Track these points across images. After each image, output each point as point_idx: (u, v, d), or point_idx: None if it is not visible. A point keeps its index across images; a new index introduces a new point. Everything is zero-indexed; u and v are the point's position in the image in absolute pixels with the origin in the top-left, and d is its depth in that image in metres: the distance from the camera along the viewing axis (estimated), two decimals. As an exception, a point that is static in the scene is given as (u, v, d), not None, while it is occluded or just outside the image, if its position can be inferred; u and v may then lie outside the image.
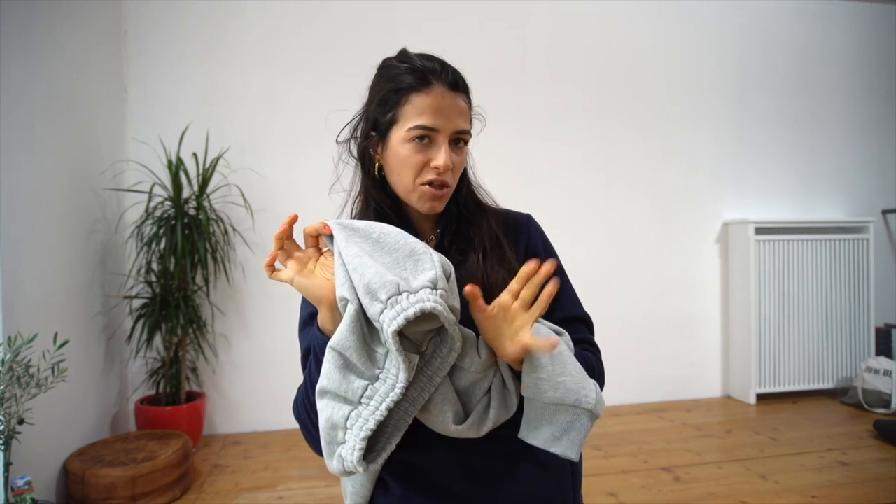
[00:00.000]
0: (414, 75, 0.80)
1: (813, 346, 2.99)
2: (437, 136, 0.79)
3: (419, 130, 0.78)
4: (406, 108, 0.79)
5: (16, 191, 1.65)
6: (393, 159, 0.81)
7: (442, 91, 0.79)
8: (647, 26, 3.00)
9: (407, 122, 0.79)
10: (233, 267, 2.54)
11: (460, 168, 0.83)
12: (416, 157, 0.79)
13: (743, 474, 2.06)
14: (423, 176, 0.79)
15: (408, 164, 0.79)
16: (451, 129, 0.79)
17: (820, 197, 3.23)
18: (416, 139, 0.78)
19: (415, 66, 0.80)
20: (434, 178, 0.79)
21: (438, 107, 0.78)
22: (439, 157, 0.78)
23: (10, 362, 1.35)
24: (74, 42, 2.07)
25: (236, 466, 2.20)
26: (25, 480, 1.44)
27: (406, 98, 0.79)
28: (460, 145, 0.82)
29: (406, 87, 0.79)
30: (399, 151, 0.80)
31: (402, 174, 0.80)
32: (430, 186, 0.80)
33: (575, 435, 0.70)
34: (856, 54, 3.26)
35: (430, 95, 0.78)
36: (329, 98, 2.64)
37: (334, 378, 0.67)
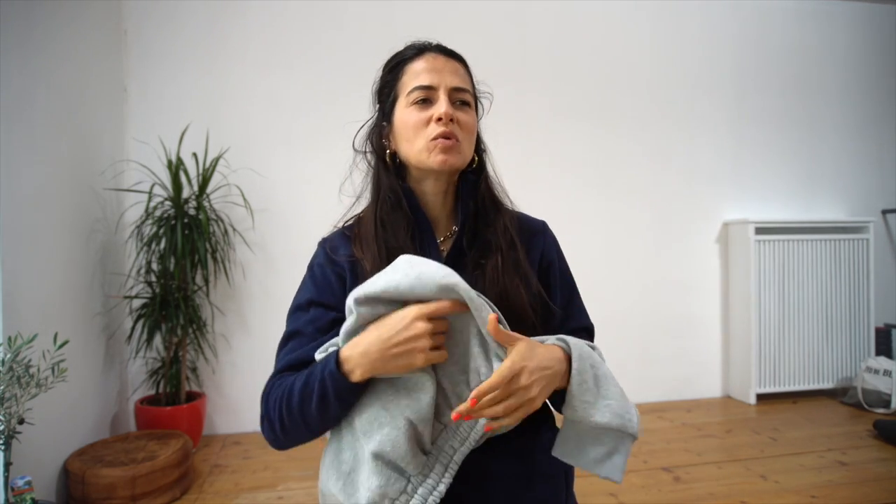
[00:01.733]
0: (401, 54, 0.85)
1: (813, 346, 2.99)
2: (434, 94, 0.80)
3: (417, 92, 0.80)
4: (403, 80, 0.83)
5: (16, 191, 1.65)
6: (401, 130, 0.82)
7: (433, 55, 0.82)
8: (646, 27, 3.00)
9: (405, 91, 0.82)
10: (233, 267, 2.54)
11: (469, 128, 0.83)
12: (419, 116, 0.80)
13: (743, 474, 2.06)
14: (429, 132, 0.80)
15: (412, 126, 0.80)
16: (447, 85, 0.81)
17: (820, 197, 3.23)
18: (417, 102, 0.80)
19: (409, 47, 0.85)
20: (439, 132, 0.79)
21: (432, 67, 0.81)
22: (439, 108, 0.79)
23: (10, 362, 1.35)
24: (74, 42, 2.07)
25: (236, 466, 2.20)
26: (25, 480, 1.44)
27: (402, 72, 0.83)
28: (464, 107, 0.83)
29: (398, 63, 0.84)
30: (404, 119, 0.81)
31: (410, 139, 0.81)
32: (437, 140, 0.79)
33: (619, 459, 0.71)
34: (855, 54, 3.26)
35: (423, 59, 0.82)
36: (329, 98, 2.66)
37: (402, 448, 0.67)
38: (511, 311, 0.77)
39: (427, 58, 0.82)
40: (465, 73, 0.85)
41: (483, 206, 0.87)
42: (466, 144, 0.82)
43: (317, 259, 0.87)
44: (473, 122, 0.84)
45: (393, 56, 0.87)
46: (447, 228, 0.88)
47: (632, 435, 0.71)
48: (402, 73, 0.83)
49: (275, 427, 0.76)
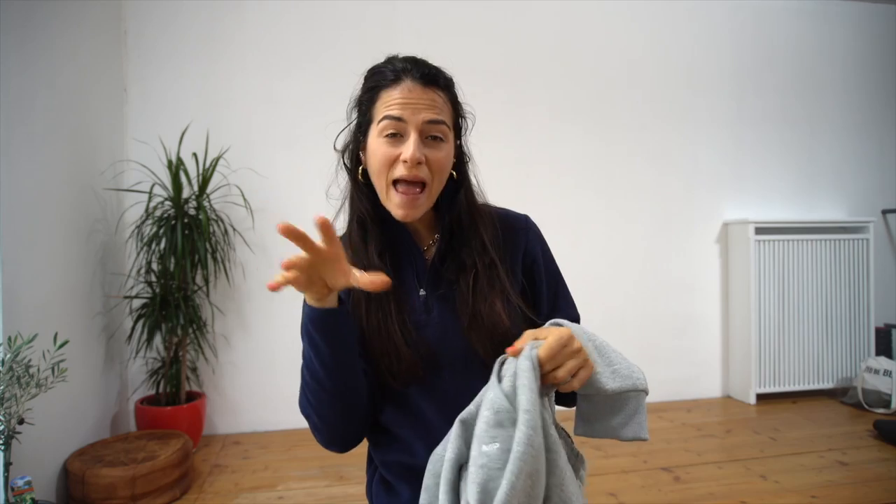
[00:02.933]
0: (379, 75, 0.81)
1: (813, 346, 2.99)
2: (405, 128, 0.77)
3: (387, 122, 0.77)
4: (377, 106, 0.79)
5: (16, 191, 1.65)
6: (370, 158, 0.80)
7: (410, 85, 0.78)
8: (646, 26, 3.00)
9: (377, 116, 0.78)
10: (233, 267, 2.54)
11: (440, 165, 0.79)
12: (387, 151, 0.77)
13: (743, 474, 2.06)
14: (395, 172, 0.77)
15: (378, 159, 0.78)
16: (419, 121, 0.76)
17: (820, 197, 3.23)
18: (386, 133, 0.77)
19: (390, 66, 0.81)
20: (403, 175, 0.76)
21: (406, 98, 0.77)
22: (407, 149, 0.75)
23: (10, 362, 1.35)
24: (74, 42, 2.07)
25: (236, 466, 2.20)
26: (25, 480, 1.44)
27: (377, 96, 0.80)
28: (438, 140, 0.79)
29: (376, 85, 0.80)
30: (373, 148, 0.79)
31: (376, 173, 0.79)
32: (400, 186, 0.77)
33: (641, 417, 0.73)
34: (855, 54, 3.26)
35: (398, 88, 0.78)
36: (329, 98, 2.65)
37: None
38: (485, 329, 0.78)
39: (403, 87, 0.77)
40: (445, 99, 0.81)
41: (459, 223, 0.85)
42: (436, 183, 0.79)
43: None
44: (445, 157, 0.80)
45: (372, 72, 0.83)
46: (430, 236, 0.88)
47: (644, 391, 0.73)
48: (377, 98, 0.80)
49: (312, 418, 0.77)
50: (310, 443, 2.38)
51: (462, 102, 0.87)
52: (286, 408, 2.58)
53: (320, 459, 2.23)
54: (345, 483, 2.03)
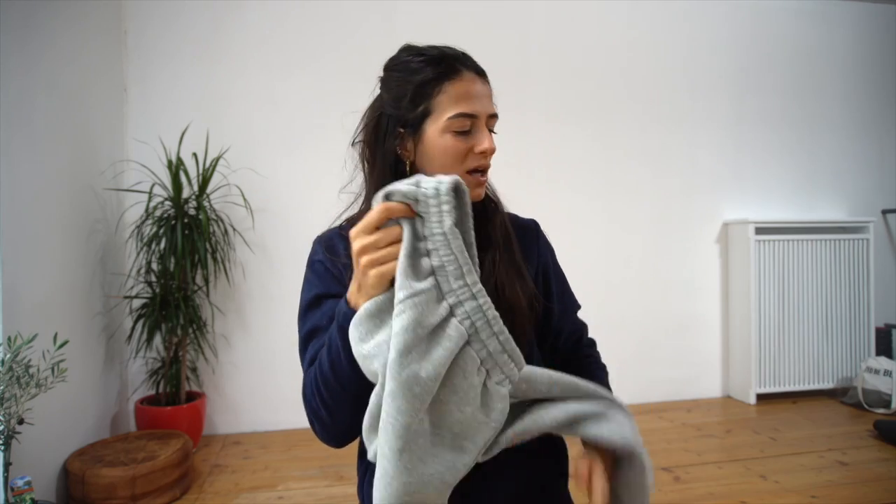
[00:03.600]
0: (440, 65, 0.78)
1: (813, 346, 2.99)
2: (476, 122, 0.78)
3: (461, 119, 0.77)
4: (441, 99, 0.77)
5: (16, 191, 1.65)
6: (433, 153, 0.78)
7: (472, 76, 0.79)
8: (646, 26, 3.00)
9: (444, 112, 0.77)
10: (233, 267, 2.54)
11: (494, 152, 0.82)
12: (460, 146, 0.77)
13: (743, 474, 2.06)
14: (468, 163, 0.78)
15: (450, 154, 0.77)
16: (486, 113, 0.79)
17: (820, 197, 3.23)
18: (459, 129, 0.77)
19: (434, 55, 0.79)
20: (480, 165, 0.79)
21: (473, 92, 0.78)
22: (484, 142, 0.78)
23: (10, 362, 1.35)
24: (74, 42, 2.07)
25: (236, 466, 2.20)
26: (25, 480, 1.44)
27: (439, 88, 0.77)
28: (493, 131, 0.82)
29: (435, 77, 0.78)
30: (439, 143, 0.78)
31: (446, 166, 0.78)
32: (475, 174, 0.79)
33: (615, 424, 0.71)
34: (856, 54, 3.26)
35: (463, 81, 0.78)
36: (329, 98, 2.66)
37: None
38: (507, 306, 0.78)
39: (467, 79, 0.78)
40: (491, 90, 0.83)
41: (482, 204, 0.87)
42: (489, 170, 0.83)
43: (315, 256, 0.86)
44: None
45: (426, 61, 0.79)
46: None
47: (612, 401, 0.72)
48: (440, 91, 0.77)
49: (320, 413, 0.74)
50: (310, 443, 2.38)
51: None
52: (286, 408, 2.58)
53: (320, 459, 2.23)
54: (345, 483, 2.03)
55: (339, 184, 0.91)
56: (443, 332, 0.60)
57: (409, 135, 0.80)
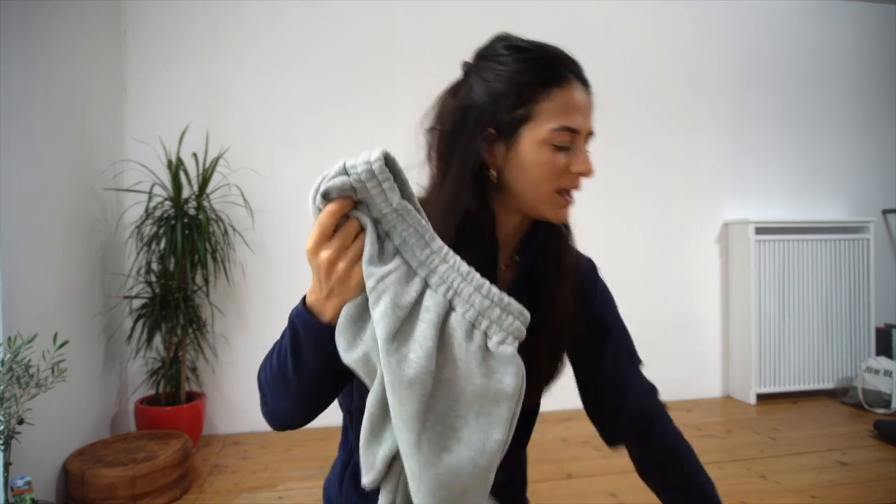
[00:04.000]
0: (549, 68, 0.70)
1: (813, 346, 2.99)
2: (577, 139, 0.70)
3: (563, 133, 0.68)
4: (545, 105, 0.68)
5: (16, 191, 1.65)
6: (527, 163, 0.69)
7: (579, 86, 0.70)
8: (646, 26, 3.00)
9: (547, 122, 0.68)
10: (233, 267, 2.54)
11: None
12: (556, 162, 0.69)
13: (743, 474, 2.06)
14: (561, 182, 0.70)
15: (546, 169, 0.69)
16: (587, 130, 0.71)
17: (820, 197, 3.23)
18: (560, 144, 0.69)
19: (543, 56, 0.70)
20: (574, 186, 0.72)
21: (580, 105, 0.69)
22: (585, 161, 0.70)
23: (10, 362, 1.35)
24: (74, 42, 2.07)
25: (236, 466, 2.20)
26: (25, 480, 1.44)
27: (545, 93, 0.68)
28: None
29: (543, 80, 0.69)
30: (536, 155, 0.69)
31: (535, 182, 0.70)
32: (565, 194, 0.72)
33: None
34: (855, 54, 3.26)
35: (572, 91, 0.69)
36: (329, 97, 2.66)
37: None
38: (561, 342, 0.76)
39: (575, 90, 0.69)
40: None
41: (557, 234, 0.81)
42: None
43: None
44: None
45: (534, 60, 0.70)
46: (510, 255, 0.80)
47: None
48: (546, 97, 0.68)
49: (264, 392, 0.71)
50: (310, 443, 2.38)
51: None
52: (286, 408, 2.58)
53: (320, 459, 2.23)
54: (345, 483, 2.03)
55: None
56: (420, 306, 0.57)
57: (500, 138, 0.70)
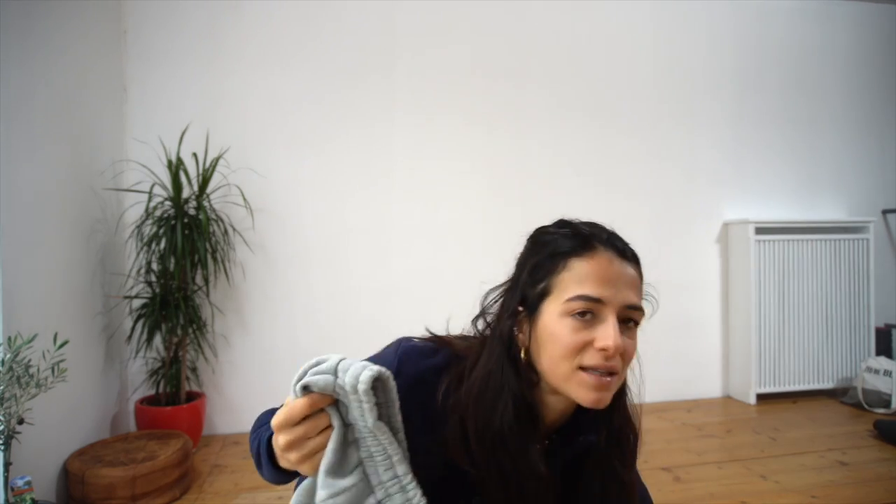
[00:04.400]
0: (575, 239, 0.68)
1: (813, 346, 2.99)
2: (602, 310, 0.64)
3: (581, 302, 0.64)
4: (563, 276, 0.66)
5: (16, 191, 1.65)
6: (545, 338, 0.66)
7: (609, 256, 0.66)
8: (646, 27, 3.00)
9: (564, 293, 0.65)
10: (233, 267, 2.54)
11: (632, 356, 0.68)
12: (576, 337, 0.63)
13: (743, 474, 2.06)
14: (584, 359, 0.64)
15: (564, 345, 0.64)
16: (620, 302, 0.65)
17: (820, 197, 3.23)
18: (576, 313, 0.64)
19: (576, 230, 0.69)
20: (599, 364, 0.63)
21: (605, 274, 0.65)
22: (607, 336, 0.63)
23: (10, 362, 1.35)
24: (74, 42, 2.07)
25: (236, 466, 2.20)
26: (25, 480, 1.44)
27: (564, 264, 0.66)
28: (630, 326, 0.67)
29: (564, 251, 0.67)
30: (553, 329, 0.65)
31: (555, 358, 0.65)
32: (593, 373, 0.64)
33: None
34: (855, 54, 3.26)
35: (595, 260, 0.66)
36: (329, 98, 2.66)
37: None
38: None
39: (600, 258, 0.66)
40: (640, 279, 0.70)
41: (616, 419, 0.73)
42: (625, 374, 0.68)
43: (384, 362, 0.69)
44: (635, 347, 0.68)
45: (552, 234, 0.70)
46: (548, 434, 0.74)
47: None
48: (564, 267, 0.66)
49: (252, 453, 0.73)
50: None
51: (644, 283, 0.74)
52: (286, 408, 2.58)
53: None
54: (345, 483, 2.03)
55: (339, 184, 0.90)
56: None
57: (526, 315, 0.68)
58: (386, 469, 0.58)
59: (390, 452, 0.58)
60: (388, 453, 0.58)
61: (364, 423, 0.57)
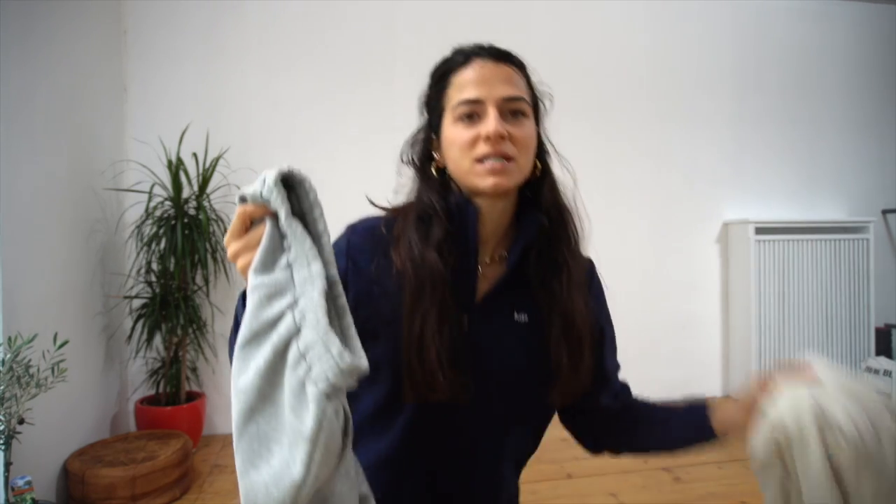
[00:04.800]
0: (453, 58, 0.76)
1: (813, 346, 2.99)
2: (483, 109, 0.71)
3: (463, 106, 0.72)
4: (449, 92, 0.74)
5: (16, 191, 1.65)
6: (448, 148, 0.74)
7: (481, 62, 0.73)
8: (646, 27, 3.00)
9: (451, 104, 0.74)
10: (232, 267, 2.54)
11: (525, 141, 0.73)
12: (465, 134, 0.71)
13: (743, 474, 2.06)
14: (476, 151, 0.71)
15: (458, 145, 0.72)
16: (497, 97, 0.71)
17: (820, 197, 3.23)
18: (463, 117, 0.72)
19: (453, 52, 0.77)
20: (487, 152, 0.70)
21: (479, 77, 0.72)
22: (488, 125, 0.70)
23: (10, 362, 1.35)
24: (74, 42, 2.07)
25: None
26: (25, 480, 1.44)
27: (448, 81, 0.75)
28: (519, 118, 0.73)
29: (446, 71, 0.76)
30: (449, 135, 0.74)
31: (457, 159, 0.73)
32: (485, 162, 0.71)
33: None
34: (855, 54, 3.26)
35: (470, 68, 0.73)
36: (329, 98, 2.66)
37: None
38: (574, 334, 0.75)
39: (475, 66, 0.73)
40: (521, 76, 0.77)
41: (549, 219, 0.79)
42: (524, 160, 0.74)
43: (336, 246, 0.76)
44: (530, 133, 0.75)
45: (439, 64, 0.78)
46: (497, 250, 0.79)
47: None
48: (448, 84, 0.75)
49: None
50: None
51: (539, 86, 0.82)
52: (286, 408, 2.58)
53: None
54: (345, 483, 2.03)
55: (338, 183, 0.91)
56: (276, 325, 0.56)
57: (436, 138, 0.77)
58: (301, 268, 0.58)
59: (304, 251, 0.58)
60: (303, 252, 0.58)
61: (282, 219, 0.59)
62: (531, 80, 0.81)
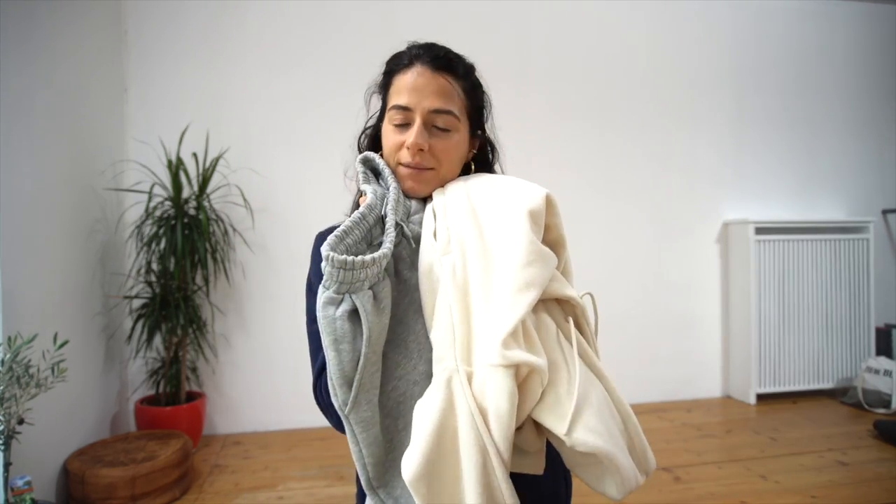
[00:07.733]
0: (398, 59, 0.81)
1: (813, 346, 2.99)
2: (412, 117, 0.77)
3: (394, 111, 0.78)
4: (390, 92, 0.80)
5: (16, 191, 1.65)
6: (383, 142, 0.81)
7: (420, 69, 0.77)
8: (646, 27, 3.00)
9: (389, 104, 0.79)
10: (233, 267, 2.54)
11: (446, 154, 0.78)
12: (394, 139, 0.78)
13: (743, 474, 2.06)
14: (401, 157, 0.78)
15: (387, 147, 0.79)
16: (425, 108, 0.76)
17: (820, 197, 3.23)
18: (395, 122, 0.78)
19: (406, 50, 0.81)
20: (407, 161, 0.77)
21: (413, 85, 0.77)
22: (409, 136, 0.76)
23: (10, 362, 1.35)
24: (75, 42, 2.07)
25: (236, 466, 2.20)
26: (25, 480, 1.44)
27: (390, 81, 0.81)
28: (444, 131, 0.78)
29: (390, 70, 0.81)
30: (385, 135, 0.80)
31: (387, 157, 0.80)
32: (407, 167, 0.78)
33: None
34: (855, 54, 3.26)
35: (408, 73, 0.78)
36: (329, 98, 2.66)
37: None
38: None
39: (413, 72, 0.77)
40: (454, 87, 0.79)
41: None
42: (445, 169, 0.79)
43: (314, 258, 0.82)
44: (451, 146, 0.79)
45: (389, 59, 0.83)
46: None
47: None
48: (391, 84, 0.80)
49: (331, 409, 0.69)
50: (310, 443, 2.38)
51: (484, 90, 0.86)
52: (286, 408, 2.58)
53: (320, 459, 2.23)
54: (345, 483, 2.03)
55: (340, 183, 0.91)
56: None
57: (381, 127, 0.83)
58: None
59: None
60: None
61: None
62: (476, 85, 0.84)
